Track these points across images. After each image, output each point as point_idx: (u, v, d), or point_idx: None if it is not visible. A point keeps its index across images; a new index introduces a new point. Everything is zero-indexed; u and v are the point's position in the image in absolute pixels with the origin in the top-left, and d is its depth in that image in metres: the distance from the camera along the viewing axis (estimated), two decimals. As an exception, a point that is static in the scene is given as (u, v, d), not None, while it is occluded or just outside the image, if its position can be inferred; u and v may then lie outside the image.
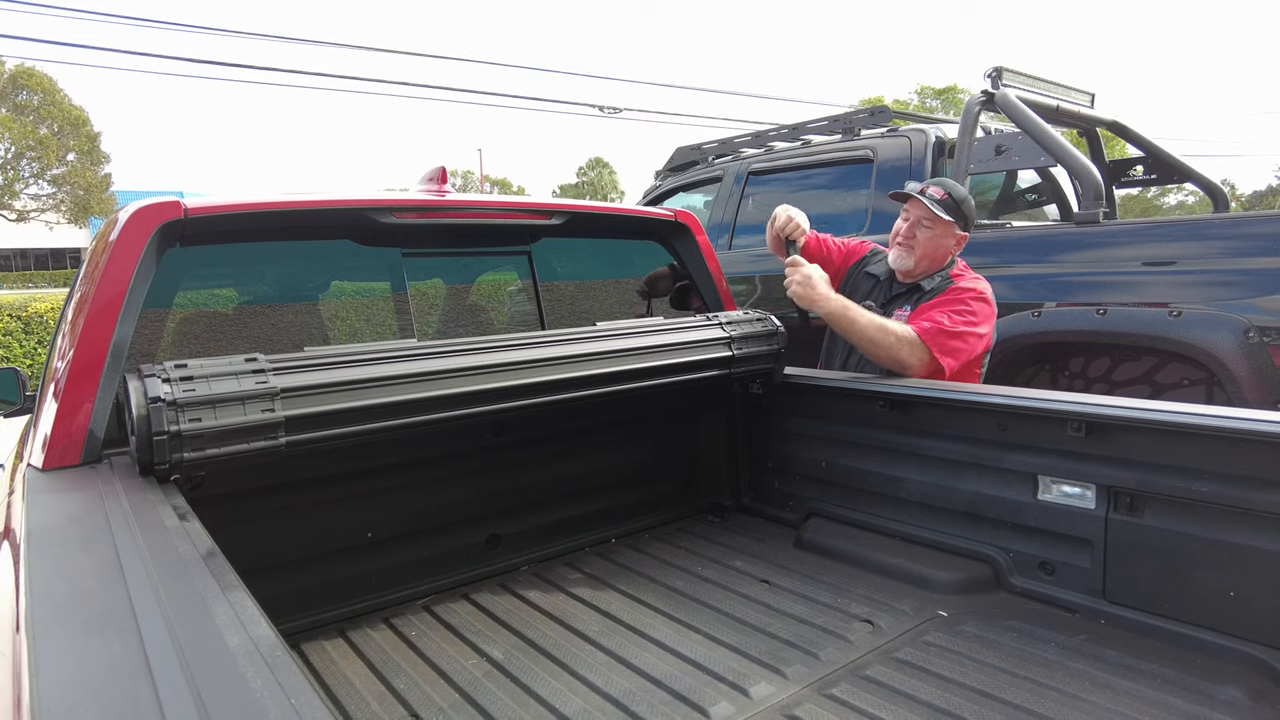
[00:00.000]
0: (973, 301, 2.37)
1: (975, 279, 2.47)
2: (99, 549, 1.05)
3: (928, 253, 2.47)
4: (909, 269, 2.50)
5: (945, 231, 2.45)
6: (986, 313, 2.38)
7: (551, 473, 2.31)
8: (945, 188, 2.47)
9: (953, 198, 2.44)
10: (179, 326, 1.87)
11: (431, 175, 2.30)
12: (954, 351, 2.27)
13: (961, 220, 2.45)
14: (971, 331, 2.31)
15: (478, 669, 1.67)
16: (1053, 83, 3.96)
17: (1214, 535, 1.58)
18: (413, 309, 2.15)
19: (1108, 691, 1.48)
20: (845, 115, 4.41)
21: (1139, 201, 31.63)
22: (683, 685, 1.56)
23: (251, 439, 1.48)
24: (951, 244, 2.49)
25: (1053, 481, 1.83)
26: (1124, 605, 1.73)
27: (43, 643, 0.80)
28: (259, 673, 0.73)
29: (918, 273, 2.50)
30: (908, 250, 2.48)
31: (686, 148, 5.38)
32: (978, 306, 2.36)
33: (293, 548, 1.88)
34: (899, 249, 2.51)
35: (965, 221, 2.47)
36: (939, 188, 2.48)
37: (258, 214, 1.88)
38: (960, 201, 2.45)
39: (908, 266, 2.50)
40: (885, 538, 2.18)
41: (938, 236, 2.45)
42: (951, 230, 2.45)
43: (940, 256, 2.49)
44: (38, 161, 34.24)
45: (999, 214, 4.30)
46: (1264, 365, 2.57)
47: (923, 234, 2.45)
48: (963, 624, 1.78)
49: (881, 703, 1.47)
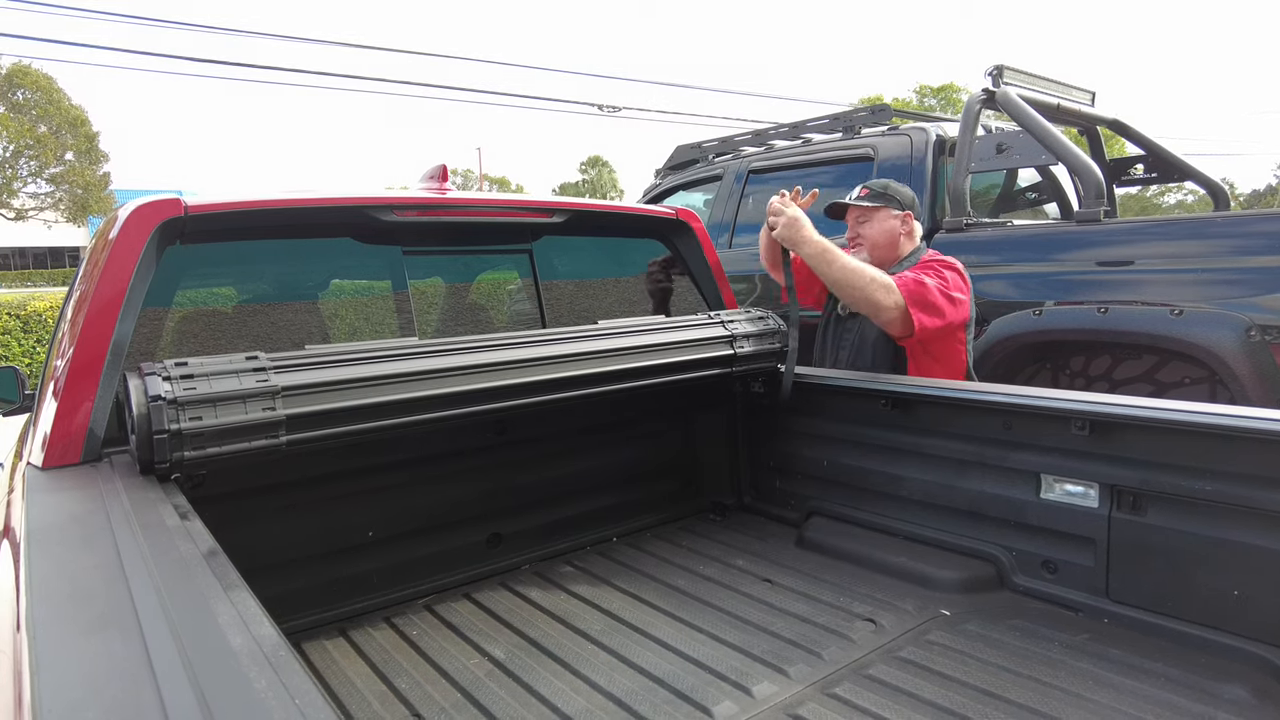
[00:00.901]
0: (944, 269, 2.44)
1: (946, 257, 2.55)
2: (100, 548, 1.05)
3: (877, 240, 2.59)
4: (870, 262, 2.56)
5: (882, 216, 2.58)
6: (960, 283, 2.43)
7: (552, 471, 2.30)
8: (866, 185, 2.65)
9: (873, 189, 2.61)
10: (179, 325, 1.86)
11: (432, 173, 2.30)
12: (928, 307, 2.30)
13: (892, 202, 2.59)
14: (946, 292, 2.35)
15: (479, 668, 1.66)
16: (1053, 81, 3.96)
17: (1217, 534, 1.58)
18: (413, 307, 2.14)
19: (1111, 690, 1.47)
20: (846, 114, 4.41)
21: (1138, 200, 31.65)
22: (685, 684, 1.56)
23: (252, 437, 1.48)
24: (896, 224, 2.59)
25: (1056, 480, 1.83)
26: (1127, 604, 1.73)
27: (43, 642, 0.79)
28: (262, 673, 0.72)
29: (881, 264, 2.55)
30: (860, 249, 2.61)
31: (686, 146, 5.38)
32: (950, 274, 2.42)
33: (294, 546, 1.87)
34: (853, 252, 2.60)
35: (897, 202, 2.59)
36: (860, 186, 2.66)
37: (258, 212, 1.88)
38: (883, 188, 2.60)
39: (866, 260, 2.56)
40: (887, 536, 2.18)
41: (876, 223, 2.59)
42: (887, 213, 2.58)
43: (892, 239, 2.59)
44: (36, 160, 34.20)
45: (1000, 212, 4.29)
46: (1266, 364, 2.57)
47: (863, 228, 2.61)
48: (966, 623, 1.77)
49: (884, 702, 1.47)
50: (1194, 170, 4.30)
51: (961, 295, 2.39)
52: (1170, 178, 4.42)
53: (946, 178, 3.66)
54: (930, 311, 2.30)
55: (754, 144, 4.88)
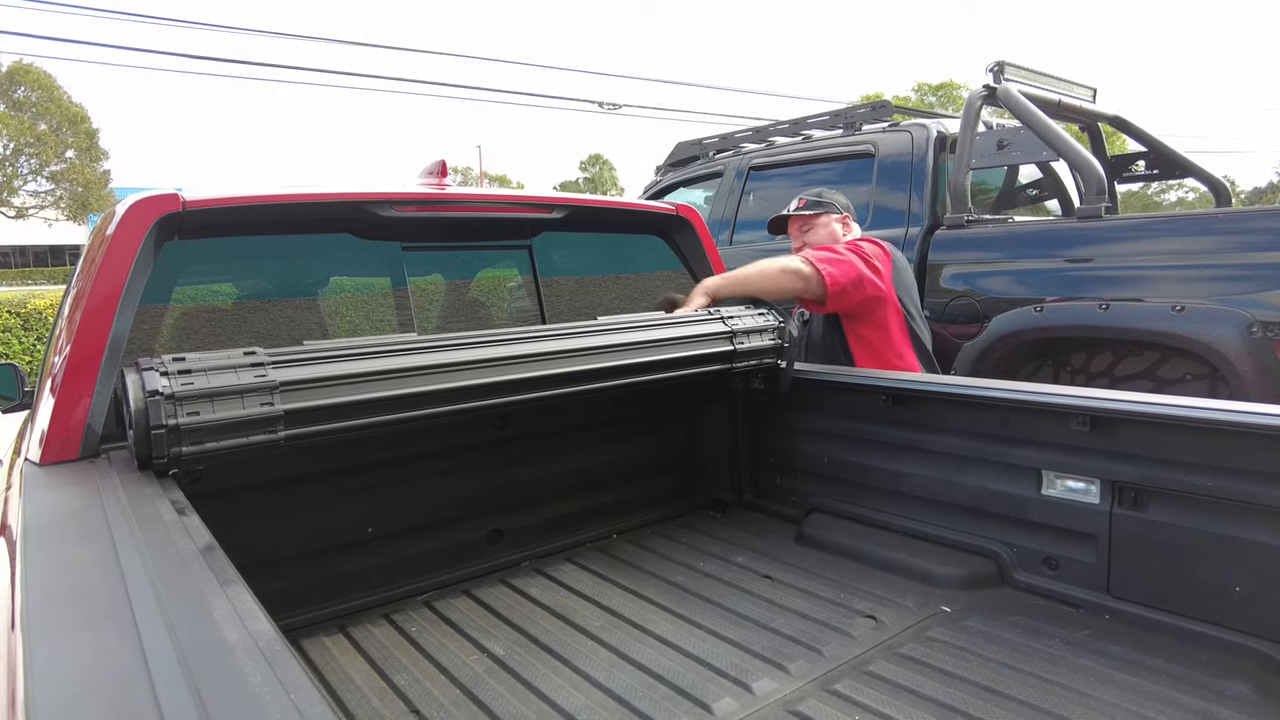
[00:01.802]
0: (863, 243, 2.61)
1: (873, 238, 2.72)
2: (96, 543, 1.04)
3: (823, 243, 2.71)
4: None
5: (822, 223, 2.77)
6: (879, 253, 2.58)
7: (552, 468, 2.30)
8: (801, 196, 2.83)
9: (809, 199, 2.80)
10: (177, 321, 1.85)
11: (431, 169, 2.29)
12: (831, 261, 2.45)
13: (829, 207, 2.76)
14: (851, 252, 2.51)
15: (479, 665, 1.66)
16: (1055, 77, 3.95)
17: (1219, 530, 1.57)
18: (412, 303, 2.14)
19: (1112, 687, 1.47)
20: (846, 110, 4.40)
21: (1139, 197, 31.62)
22: (685, 681, 1.55)
23: (250, 433, 1.47)
24: (837, 229, 2.77)
25: (1057, 476, 1.83)
26: (1128, 600, 1.72)
27: (39, 638, 0.79)
28: (258, 668, 0.72)
29: None
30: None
31: (687, 143, 5.37)
32: (869, 246, 2.59)
33: (292, 543, 1.87)
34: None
35: (834, 207, 2.78)
36: (797, 199, 2.84)
37: (256, 207, 1.87)
38: (819, 195, 2.81)
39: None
40: (888, 533, 2.17)
41: (816, 229, 2.78)
42: (826, 219, 2.77)
43: (835, 240, 2.72)
44: (36, 158, 34.20)
45: (1001, 209, 4.28)
46: (1267, 359, 2.56)
47: (808, 235, 2.78)
48: (966, 619, 1.77)
49: (885, 698, 1.47)
50: (1195, 167, 4.29)
51: (857, 260, 2.51)
52: (1171, 174, 4.41)
53: (947, 174, 3.65)
54: (839, 265, 2.44)
55: (755, 140, 4.87)
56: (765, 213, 4.56)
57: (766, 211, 4.63)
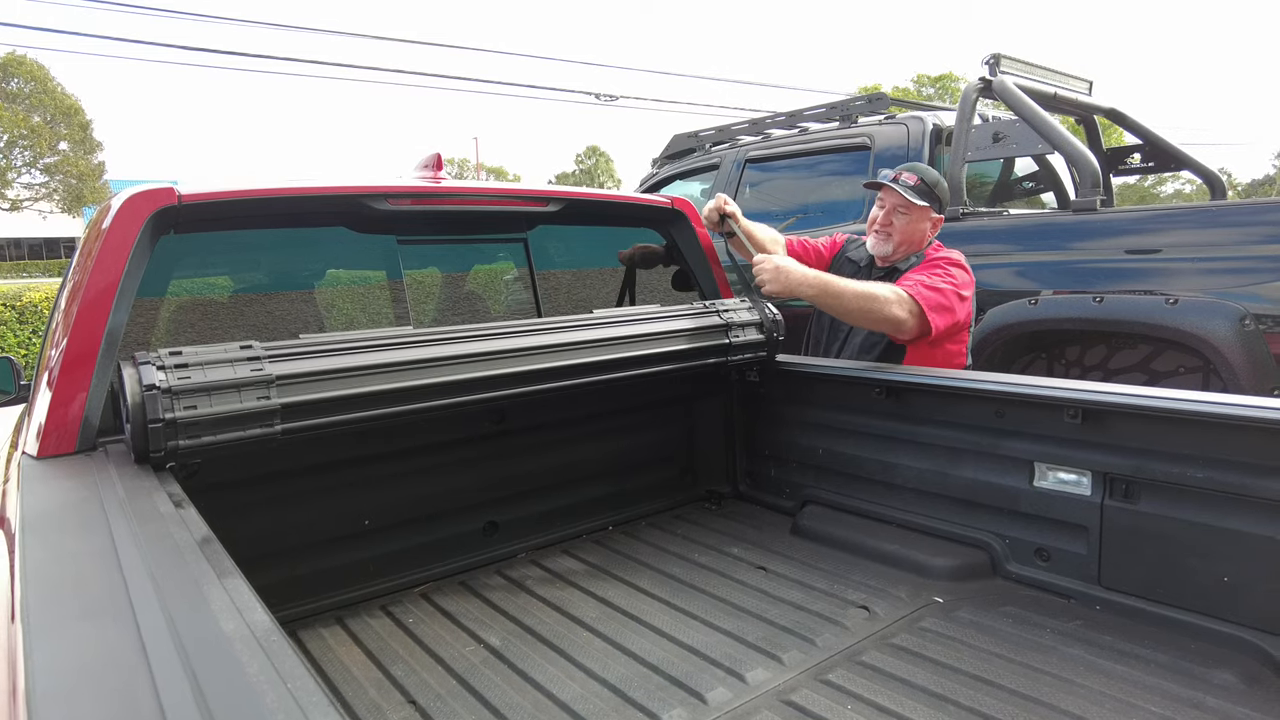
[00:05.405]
0: (950, 267, 2.40)
1: (950, 251, 2.52)
2: (94, 536, 1.05)
3: (905, 238, 2.51)
4: (887, 254, 2.54)
5: (921, 216, 2.49)
6: (965, 279, 2.40)
7: (548, 460, 2.31)
8: (918, 173, 2.50)
9: (925, 182, 2.48)
10: (173, 314, 1.86)
11: (427, 162, 2.29)
12: (939, 308, 2.28)
13: (936, 204, 2.50)
14: (954, 290, 2.33)
15: (475, 656, 1.67)
16: (1050, 70, 3.95)
17: (1209, 521, 1.59)
18: (408, 296, 2.14)
19: (1102, 676, 1.49)
20: (843, 102, 4.39)
21: (1135, 190, 31.61)
22: (679, 671, 1.57)
23: (247, 426, 1.48)
24: (927, 227, 2.53)
25: (1048, 468, 1.84)
26: (1119, 591, 1.74)
27: (37, 629, 0.80)
28: (255, 658, 0.73)
29: (895, 257, 2.54)
30: (885, 237, 2.52)
31: (684, 135, 5.36)
32: (956, 271, 2.40)
33: (289, 535, 1.87)
34: (876, 236, 2.54)
35: (940, 204, 2.52)
36: (912, 174, 2.50)
37: (252, 200, 1.87)
38: (933, 185, 2.49)
39: (886, 252, 2.54)
40: (881, 524, 2.18)
41: (914, 221, 2.49)
42: (927, 214, 2.49)
43: (917, 240, 2.53)
44: (30, 150, 34.00)
45: (996, 201, 4.29)
46: (1260, 352, 2.57)
47: (899, 220, 2.50)
48: (958, 610, 1.78)
49: (878, 688, 1.48)
50: (1191, 160, 4.30)
51: (967, 293, 2.38)
52: (1167, 167, 4.41)
53: (943, 167, 3.65)
54: (944, 314, 2.28)
55: (751, 133, 4.87)
56: (762, 205, 4.57)
57: (763, 204, 4.65)
